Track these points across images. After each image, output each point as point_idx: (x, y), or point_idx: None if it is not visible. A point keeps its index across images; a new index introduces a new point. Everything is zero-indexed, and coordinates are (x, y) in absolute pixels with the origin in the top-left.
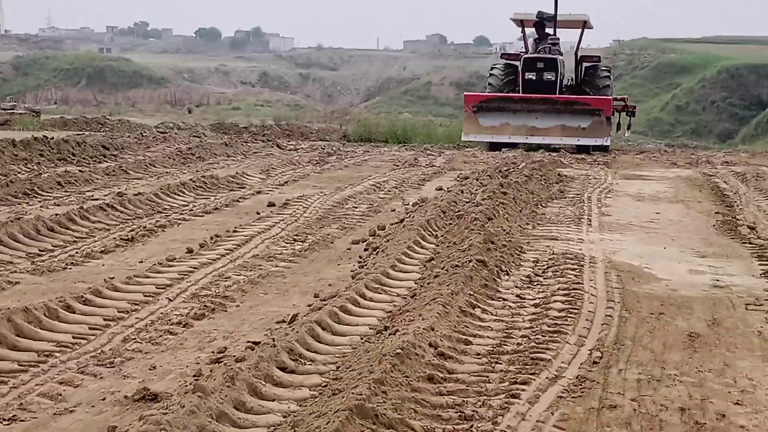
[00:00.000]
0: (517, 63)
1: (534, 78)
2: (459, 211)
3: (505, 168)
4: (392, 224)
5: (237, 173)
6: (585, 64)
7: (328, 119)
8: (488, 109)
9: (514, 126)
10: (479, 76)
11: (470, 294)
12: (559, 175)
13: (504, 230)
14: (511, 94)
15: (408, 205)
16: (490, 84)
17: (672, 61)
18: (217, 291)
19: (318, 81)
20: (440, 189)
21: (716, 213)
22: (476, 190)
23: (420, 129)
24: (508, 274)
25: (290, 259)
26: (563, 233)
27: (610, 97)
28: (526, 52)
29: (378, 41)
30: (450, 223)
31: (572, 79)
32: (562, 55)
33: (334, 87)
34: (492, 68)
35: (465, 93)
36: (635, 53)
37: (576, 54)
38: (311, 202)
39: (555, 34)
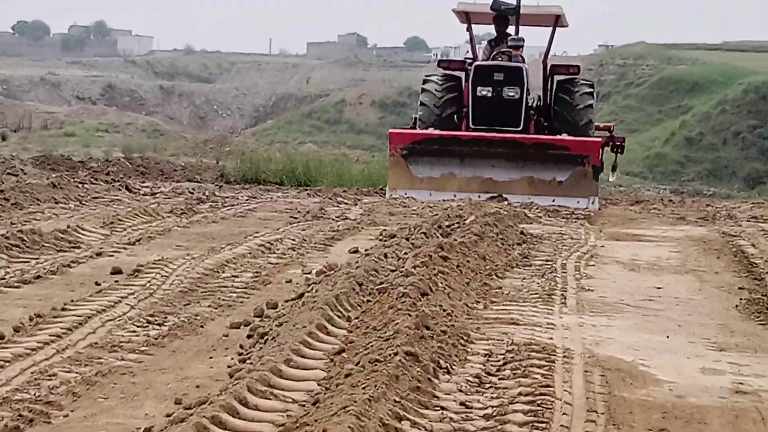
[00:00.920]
0: (461, 74)
1: (490, 95)
2: (382, 284)
3: (447, 223)
4: (287, 301)
5: (69, 227)
6: (558, 78)
7: (200, 151)
8: (424, 153)
9: (461, 178)
10: (412, 94)
11: (396, 401)
12: (522, 233)
13: (444, 310)
14: (456, 133)
15: (310, 274)
16: (422, 105)
17: (680, 75)
18: (38, 394)
19: (186, 97)
20: (355, 252)
21: (740, 289)
22: (406, 253)
23: (329, 167)
24: (449, 373)
25: (142, 349)
26: (527, 315)
27: (600, 139)
28: (475, 59)
29: (271, 43)
30: (369, 301)
31: (540, 98)
32: (526, 63)
33: (209, 106)
34: (425, 82)
35: (391, 130)
36: (630, 64)
37: (545, 63)
38: (173, 268)
39: (517, 34)
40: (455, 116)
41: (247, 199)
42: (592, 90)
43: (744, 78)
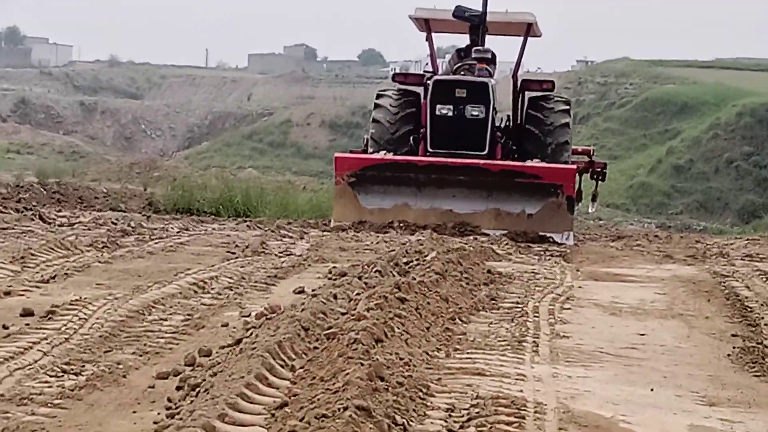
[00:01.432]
0: (419, 90)
1: (451, 114)
2: (330, 329)
3: (405, 260)
4: (223, 348)
5: None
6: (530, 94)
7: (126, 177)
8: (375, 181)
9: (417, 210)
10: (367, 114)
11: None
12: (489, 272)
13: (401, 359)
14: (412, 158)
15: (249, 317)
16: (375, 122)
17: (668, 95)
18: None
19: (110, 115)
20: (301, 292)
21: (733, 336)
22: (358, 294)
23: (272, 195)
24: (405, 430)
25: (56, 402)
26: (494, 365)
27: (575, 166)
28: (436, 73)
29: (208, 54)
30: (316, 348)
31: (509, 118)
32: (493, 78)
33: (136, 125)
34: (379, 96)
35: (337, 154)
36: (611, 82)
37: (515, 78)
38: (93, 310)
39: (483, 45)
40: (411, 137)
41: (178, 232)
42: (568, 108)
43: (738, 99)
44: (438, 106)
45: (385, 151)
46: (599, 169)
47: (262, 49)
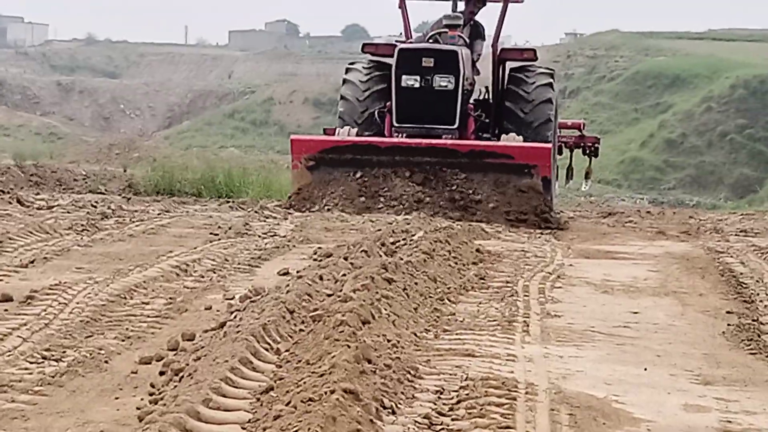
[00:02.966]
0: (390, 60)
1: (417, 85)
2: (316, 310)
3: (392, 240)
4: (206, 331)
5: None
6: (510, 65)
7: (105, 158)
8: (335, 164)
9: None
10: None
11: None
12: (478, 251)
13: (389, 341)
14: (373, 139)
15: (233, 299)
16: (343, 99)
17: (659, 68)
18: None
19: (88, 95)
20: (286, 274)
21: (728, 313)
22: (344, 275)
23: (255, 175)
24: (394, 413)
25: (36, 389)
26: (484, 346)
27: (548, 146)
28: (408, 41)
29: (187, 31)
30: (301, 330)
31: (487, 90)
32: (470, 47)
33: (115, 105)
34: (348, 71)
35: (293, 136)
36: (601, 55)
37: (494, 47)
38: (73, 294)
39: (455, 10)
40: (377, 111)
41: (159, 214)
42: (551, 79)
43: (731, 71)
44: (404, 77)
45: (349, 129)
46: (591, 144)
47: (242, 25)
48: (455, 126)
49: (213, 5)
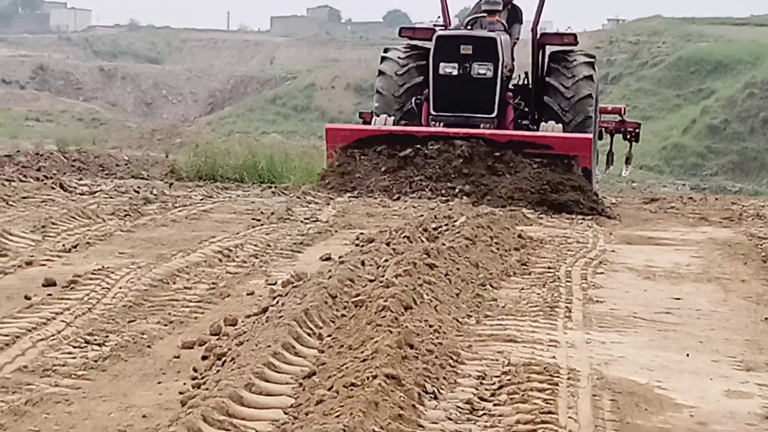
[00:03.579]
0: (428, 44)
1: (455, 73)
2: (358, 296)
3: (434, 225)
4: (249, 316)
5: None
6: (550, 50)
7: (147, 143)
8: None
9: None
10: None
11: (375, 431)
12: (520, 236)
13: (431, 326)
14: (410, 128)
15: (275, 285)
16: (378, 94)
17: (702, 53)
18: None
19: (130, 80)
20: (328, 259)
21: None
22: (386, 260)
23: (297, 160)
24: (436, 398)
25: (80, 373)
26: (526, 331)
27: (589, 136)
28: (446, 28)
29: (229, 17)
30: (344, 315)
31: (527, 75)
32: (508, 31)
33: (157, 90)
34: (383, 60)
35: (327, 125)
36: (644, 41)
37: (534, 31)
38: (116, 279)
39: None
40: (414, 99)
41: (201, 199)
42: (592, 65)
43: None
44: (442, 65)
45: (386, 118)
46: (632, 130)
47: (284, 11)
48: (494, 115)
49: None
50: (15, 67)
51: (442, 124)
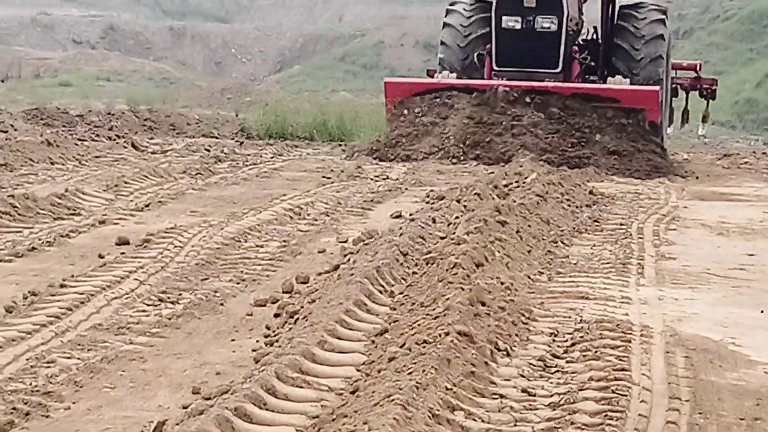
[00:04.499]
0: None
1: (518, 27)
2: (429, 253)
3: (505, 182)
4: (320, 274)
5: (67, 190)
6: (620, 2)
7: (217, 102)
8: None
9: None
10: None
11: (447, 388)
12: (591, 192)
13: (502, 284)
14: (470, 81)
15: (346, 242)
16: (443, 45)
17: None
18: (35, 384)
19: (200, 40)
20: (399, 217)
21: None
22: (457, 218)
23: (366, 118)
24: (508, 355)
25: (154, 331)
26: (598, 288)
27: (656, 88)
28: None
29: None
30: (415, 273)
31: (596, 29)
32: None
33: (226, 50)
34: (448, 13)
35: (386, 79)
36: None
37: None
38: (188, 237)
39: None
40: (477, 53)
41: (272, 157)
42: (664, 18)
43: None
44: (504, 18)
45: (448, 75)
46: (708, 86)
47: None
48: (558, 70)
49: None
50: (85, 27)
51: (505, 78)
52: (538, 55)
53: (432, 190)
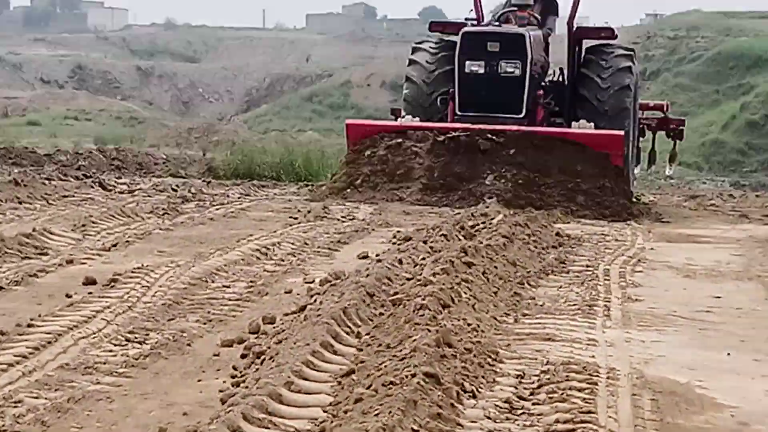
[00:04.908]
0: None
1: (481, 71)
2: (396, 294)
3: (471, 223)
4: (287, 315)
5: (34, 230)
6: (586, 44)
7: (184, 142)
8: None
9: None
10: None
11: (414, 430)
12: (558, 234)
13: (469, 325)
14: (433, 125)
15: (313, 283)
16: (408, 81)
17: (741, 48)
18: (2, 424)
19: (167, 79)
20: (365, 257)
21: None
22: (424, 259)
23: (333, 158)
24: (474, 397)
25: (121, 371)
26: (564, 330)
27: (620, 133)
28: (479, 22)
29: (265, 15)
30: (381, 314)
31: (561, 71)
32: (542, 27)
33: (194, 89)
34: (414, 51)
35: (348, 120)
36: (682, 36)
37: (570, 25)
38: (155, 277)
39: None
40: (440, 97)
41: (239, 197)
42: (630, 62)
43: None
44: (468, 62)
45: (411, 119)
46: (675, 126)
47: (320, 8)
48: (522, 115)
49: None
50: (54, 66)
51: (468, 122)
52: (501, 100)
53: (399, 231)
